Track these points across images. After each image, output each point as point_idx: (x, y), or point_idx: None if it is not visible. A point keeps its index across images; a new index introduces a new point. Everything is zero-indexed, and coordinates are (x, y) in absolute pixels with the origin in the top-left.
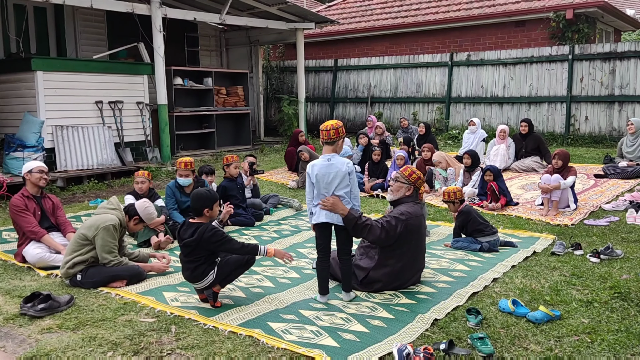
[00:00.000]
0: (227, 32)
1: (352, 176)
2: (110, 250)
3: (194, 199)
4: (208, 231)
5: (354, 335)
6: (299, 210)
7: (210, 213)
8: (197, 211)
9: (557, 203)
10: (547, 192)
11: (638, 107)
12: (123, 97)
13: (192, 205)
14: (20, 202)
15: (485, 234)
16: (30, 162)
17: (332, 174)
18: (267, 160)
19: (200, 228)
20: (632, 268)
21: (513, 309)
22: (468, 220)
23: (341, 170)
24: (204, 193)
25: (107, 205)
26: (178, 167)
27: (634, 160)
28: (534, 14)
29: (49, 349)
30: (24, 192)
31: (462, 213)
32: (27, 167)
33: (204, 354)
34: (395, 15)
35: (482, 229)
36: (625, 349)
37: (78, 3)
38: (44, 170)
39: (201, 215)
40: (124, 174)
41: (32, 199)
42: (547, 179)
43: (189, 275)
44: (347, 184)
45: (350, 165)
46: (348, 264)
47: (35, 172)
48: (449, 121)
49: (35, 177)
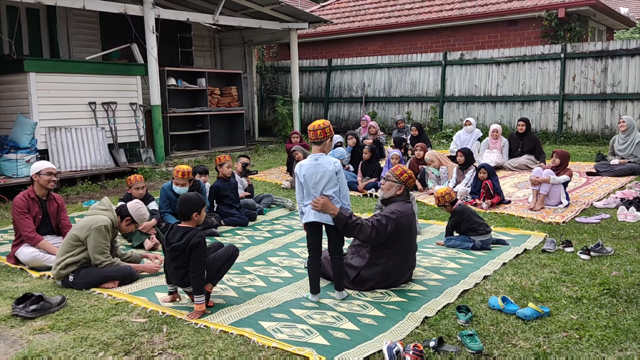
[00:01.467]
0: (220, 33)
1: (339, 175)
2: (102, 251)
3: (182, 203)
4: (196, 237)
5: (344, 333)
6: (293, 210)
7: (198, 217)
8: (184, 215)
9: (544, 197)
10: (536, 184)
11: (630, 105)
12: (116, 98)
13: (180, 209)
14: (23, 204)
15: (479, 233)
16: (38, 162)
17: (319, 174)
18: (261, 160)
19: (189, 233)
20: (621, 265)
21: (503, 306)
22: (461, 220)
23: (328, 170)
24: (192, 197)
25: (99, 206)
26: (175, 175)
27: (626, 158)
28: (526, 13)
29: (40, 350)
30: (30, 193)
31: (456, 212)
32: (35, 168)
33: (195, 353)
34: (389, 14)
35: (476, 227)
36: (613, 345)
37: (70, 4)
38: (53, 172)
39: (189, 220)
40: (118, 175)
41: (36, 201)
42: (538, 172)
43: (178, 280)
44: (335, 183)
45: (338, 164)
46: (339, 263)
47: (44, 174)
48: (443, 120)
49: (44, 179)
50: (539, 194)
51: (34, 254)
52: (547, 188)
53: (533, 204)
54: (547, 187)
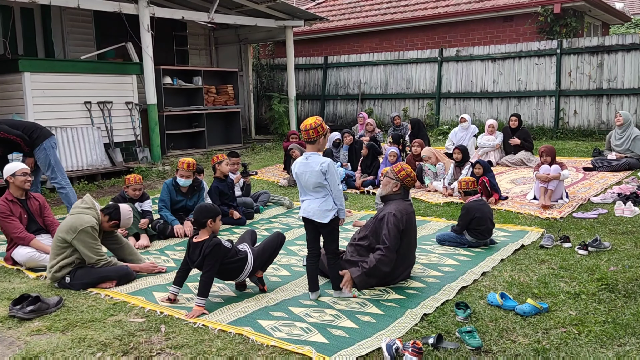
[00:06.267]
0: (216, 31)
1: (328, 175)
2: (95, 252)
3: (198, 212)
4: (208, 246)
5: (343, 331)
6: (290, 208)
7: (213, 225)
8: (200, 223)
9: (552, 193)
10: (547, 181)
11: (626, 100)
12: (112, 97)
13: (196, 217)
14: (5, 208)
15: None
16: (11, 164)
17: (308, 173)
18: (258, 158)
19: (204, 245)
20: (619, 260)
21: (501, 302)
22: (469, 218)
23: (315, 170)
24: (207, 206)
25: (81, 204)
26: (180, 167)
27: (622, 153)
28: (522, 9)
29: (38, 351)
30: (8, 196)
31: (462, 208)
32: (8, 170)
33: (194, 352)
34: (384, 11)
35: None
36: (612, 340)
37: (65, 3)
38: (27, 172)
39: (204, 227)
40: (114, 175)
41: (16, 203)
42: (547, 169)
43: (226, 277)
44: (323, 183)
45: (325, 165)
46: (332, 263)
47: (19, 175)
48: (440, 117)
49: (19, 180)
50: (547, 190)
51: (30, 254)
52: (555, 184)
53: (544, 201)
54: (555, 183)
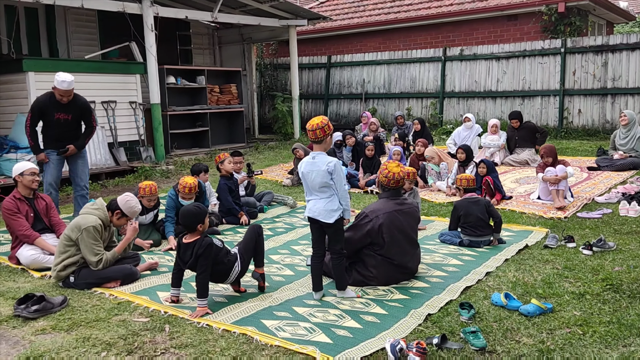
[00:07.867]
0: (219, 30)
1: (334, 175)
2: (95, 252)
3: (185, 217)
4: (200, 247)
5: (347, 331)
6: (294, 208)
7: (202, 227)
8: (189, 228)
9: (563, 192)
10: (557, 182)
11: (631, 100)
12: (116, 96)
13: (183, 222)
14: (12, 205)
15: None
16: (20, 163)
17: (314, 172)
18: (261, 157)
19: (195, 246)
20: (624, 260)
21: (505, 302)
22: (454, 214)
23: (321, 170)
24: (192, 210)
25: (91, 206)
26: (182, 189)
27: (627, 152)
28: (526, 8)
29: (42, 350)
30: (16, 195)
31: (454, 205)
32: (17, 169)
33: (198, 352)
34: (388, 10)
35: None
36: (616, 341)
37: (69, 3)
38: (35, 172)
39: (195, 231)
40: (118, 174)
41: (24, 201)
42: (553, 171)
43: (215, 279)
44: (329, 183)
45: (332, 165)
46: (336, 263)
47: (27, 174)
48: (443, 116)
49: (27, 179)
50: (559, 191)
51: (33, 256)
52: (564, 183)
53: (558, 202)
54: (564, 182)
